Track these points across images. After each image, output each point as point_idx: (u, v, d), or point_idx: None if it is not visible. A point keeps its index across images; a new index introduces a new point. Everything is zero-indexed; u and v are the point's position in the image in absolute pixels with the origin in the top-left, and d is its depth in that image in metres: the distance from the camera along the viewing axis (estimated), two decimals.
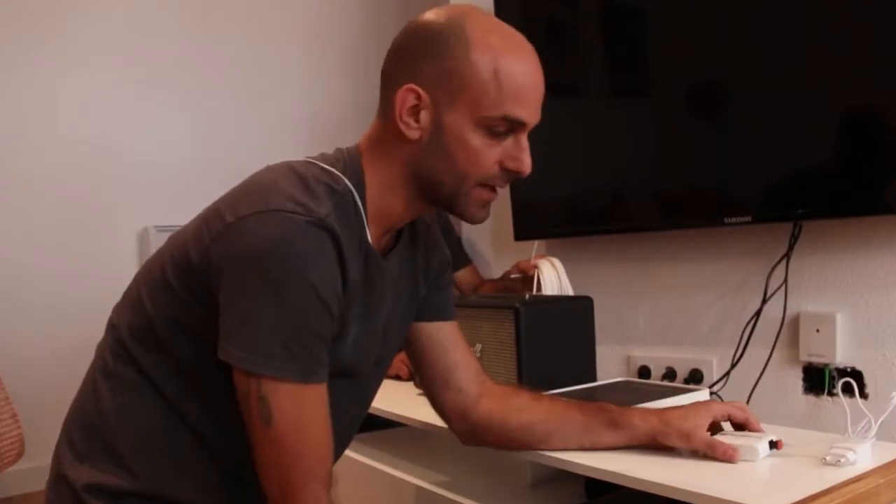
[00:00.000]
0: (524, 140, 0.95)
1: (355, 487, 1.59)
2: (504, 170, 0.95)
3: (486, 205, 0.97)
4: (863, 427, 1.00)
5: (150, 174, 2.58)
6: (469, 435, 1.15)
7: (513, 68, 0.90)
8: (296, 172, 0.90)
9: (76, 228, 2.55)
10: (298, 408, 0.86)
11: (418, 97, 0.91)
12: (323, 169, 0.92)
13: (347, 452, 1.60)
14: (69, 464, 0.95)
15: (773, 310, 1.66)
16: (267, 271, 0.83)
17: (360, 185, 0.94)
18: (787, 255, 1.62)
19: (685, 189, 1.78)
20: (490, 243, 2.48)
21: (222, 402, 0.90)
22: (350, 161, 0.95)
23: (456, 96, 0.90)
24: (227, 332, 0.85)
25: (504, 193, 2.18)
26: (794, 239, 1.61)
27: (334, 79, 2.96)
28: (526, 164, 0.96)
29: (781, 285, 1.63)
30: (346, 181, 0.92)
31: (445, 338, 1.13)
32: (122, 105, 2.64)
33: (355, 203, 0.92)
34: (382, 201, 0.96)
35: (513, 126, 0.93)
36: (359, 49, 2.98)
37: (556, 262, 1.79)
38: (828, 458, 0.96)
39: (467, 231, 2.55)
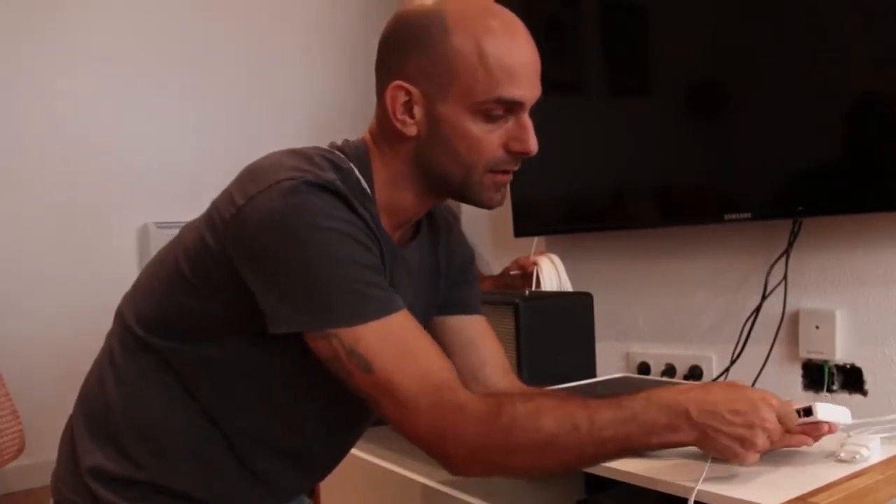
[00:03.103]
0: (525, 118, 0.92)
1: (357, 484, 1.59)
2: (510, 152, 0.92)
3: (500, 187, 0.94)
4: (865, 423, 1.00)
5: (150, 170, 2.58)
6: None
7: (498, 47, 0.87)
8: (297, 151, 0.90)
9: (76, 225, 2.55)
10: (392, 342, 0.83)
11: (408, 93, 0.89)
12: (327, 154, 0.91)
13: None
14: (76, 448, 0.95)
15: (772, 306, 1.66)
16: (292, 231, 0.81)
17: (368, 174, 0.93)
18: (787, 252, 1.62)
19: (685, 186, 1.78)
20: (490, 240, 2.48)
21: (237, 392, 0.90)
22: (355, 151, 0.94)
23: (446, 86, 0.88)
24: (279, 304, 0.83)
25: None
26: (793, 236, 1.61)
27: (335, 73, 2.95)
28: (531, 144, 0.92)
29: (781, 282, 1.64)
30: (351, 164, 0.91)
31: (473, 333, 1.11)
32: (121, 100, 2.64)
33: (360, 184, 0.90)
34: (392, 195, 0.94)
35: (510, 107, 0.90)
36: (359, 43, 2.98)
37: (556, 258, 1.79)
38: (842, 454, 0.96)
39: (467, 228, 2.54)
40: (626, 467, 0.97)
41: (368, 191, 0.91)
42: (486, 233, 2.49)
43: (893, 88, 1.41)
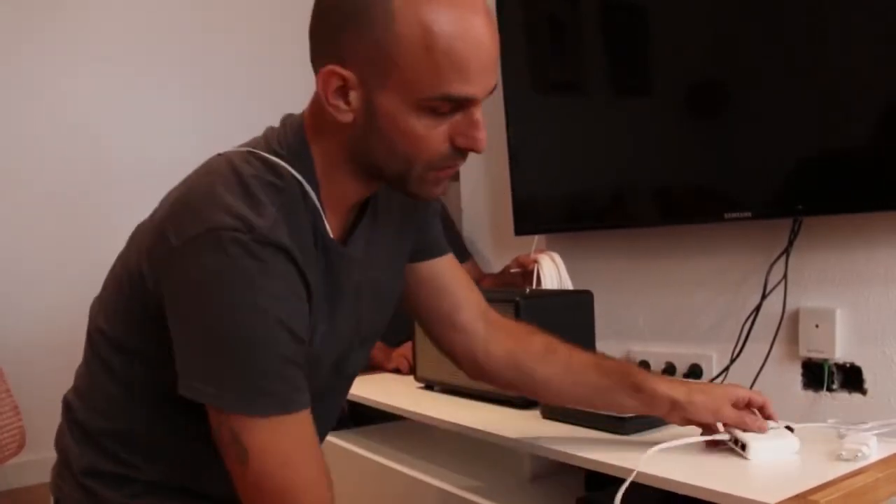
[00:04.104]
0: (477, 113, 0.82)
1: (356, 481, 1.59)
2: (456, 148, 0.83)
3: (442, 182, 0.87)
4: (863, 422, 1.01)
5: (151, 170, 2.58)
6: (477, 375, 1.10)
7: (450, 38, 0.76)
8: (236, 174, 0.81)
9: (76, 224, 2.55)
10: (278, 443, 0.78)
11: (342, 78, 0.79)
12: (266, 162, 0.83)
13: (348, 446, 1.61)
14: (69, 447, 0.95)
15: (772, 305, 1.66)
16: (214, 303, 0.77)
17: (310, 171, 0.85)
18: (787, 251, 1.62)
19: (685, 185, 1.78)
20: (490, 238, 2.48)
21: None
22: (295, 145, 0.86)
23: (386, 75, 0.78)
24: (187, 368, 0.79)
25: (505, 188, 2.18)
26: (793, 235, 1.61)
27: None
28: (480, 141, 0.82)
29: (781, 281, 1.64)
30: (293, 171, 0.83)
31: (442, 276, 1.06)
32: (121, 100, 2.64)
33: (305, 196, 0.84)
34: (335, 183, 0.87)
35: (459, 104, 0.80)
36: None
37: (556, 256, 1.79)
38: (843, 453, 0.96)
39: (467, 226, 2.55)
40: (628, 465, 0.98)
41: (312, 194, 0.84)
42: (486, 231, 2.49)
43: (893, 88, 1.41)
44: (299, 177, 0.84)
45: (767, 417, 1.03)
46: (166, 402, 0.84)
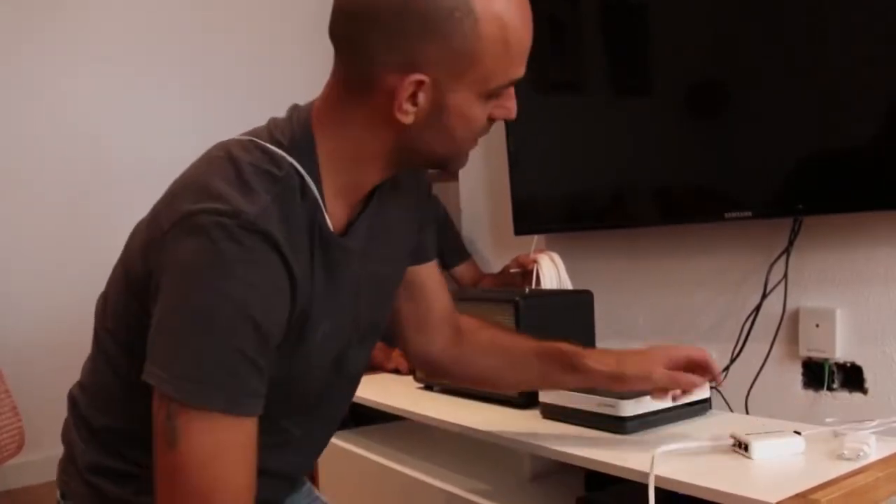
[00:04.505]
0: (512, 88, 0.88)
1: (356, 481, 1.59)
2: (491, 119, 0.88)
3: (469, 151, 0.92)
4: (863, 421, 1.01)
5: (151, 170, 2.58)
6: (426, 371, 1.20)
7: (519, 31, 0.83)
8: (232, 161, 0.81)
9: (77, 225, 2.55)
10: (212, 438, 0.76)
11: (419, 84, 0.80)
12: (265, 151, 0.83)
13: (348, 446, 1.61)
14: (74, 442, 0.95)
15: (772, 305, 1.66)
16: (186, 286, 0.76)
17: (313, 163, 0.85)
18: (787, 251, 1.62)
19: (685, 185, 1.78)
20: (490, 238, 2.48)
21: None
22: (301, 134, 0.86)
23: (463, 74, 0.81)
24: (149, 350, 0.78)
25: (504, 188, 2.18)
26: (794, 234, 1.61)
27: None
28: (514, 111, 0.88)
29: (781, 280, 1.64)
30: (293, 162, 0.83)
31: (424, 281, 1.09)
32: (121, 100, 2.64)
33: (304, 187, 0.83)
34: (350, 175, 0.87)
35: (512, 83, 0.86)
36: None
37: (556, 256, 1.79)
38: (845, 452, 0.96)
39: (467, 226, 2.55)
40: (628, 465, 0.98)
41: (312, 186, 0.84)
42: (486, 231, 2.49)
43: (894, 87, 1.41)
44: (300, 168, 0.83)
45: (709, 375, 1.06)
46: None
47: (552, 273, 1.74)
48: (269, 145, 0.84)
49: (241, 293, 0.76)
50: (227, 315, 0.75)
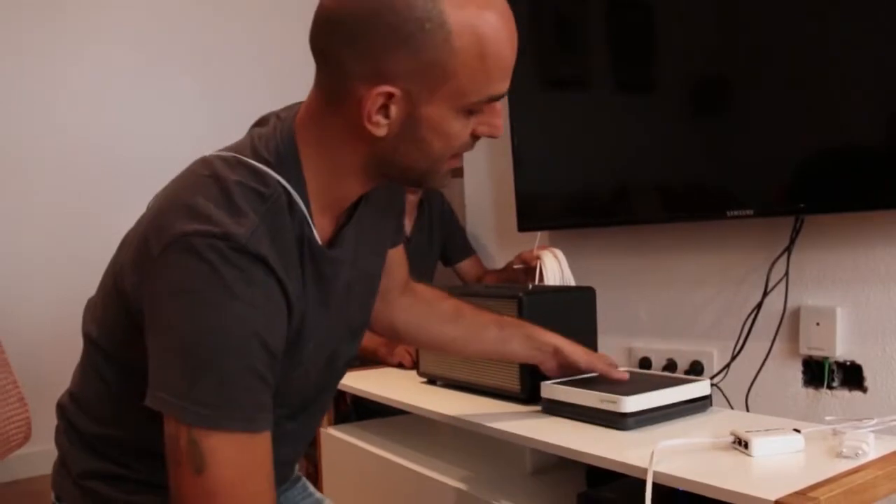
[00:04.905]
0: (498, 104, 0.85)
1: (359, 474, 1.60)
2: (475, 136, 0.86)
3: (452, 169, 0.90)
4: (863, 419, 1.01)
5: (156, 167, 2.59)
6: (393, 338, 1.24)
7: (499, 45, 0.79)
8: (218, 181, 0.80)
9: (82, 220, 2.56)
10: (239, 459, 0.76)
11: (389, 96, 0.79)
12: (252, 169, 0.82)
13: (351, 439, 1.62)
14: (65, 448, 0.96)
15: (773, 303, 1.67)
16: (188, 311, 0.75)
17: (299, 178, 0.84)
18: (789, 249, 1.63)
19: (688, 183, 1.79)
20: (493, 234, 2.49)
21: None
22: (284, 152, 0.85)
23: (436, 88, 0.79)
24: (156, 377, 0.77)
25: (508, 185, 2.19)
26: (795, 233, 1.62)
27: None
28: (500, 128, 0.86)
29: (782, 279, 1.64)
30: (279, 179, 0.82)
31: (390, 258, 1.08)
32: (123, 100, 2.65)
33: (291, 204, 0.83)
34: (332, 186, 0.87)
35: (493, 99, 0.84)
36: None
37: (559, 253, 1.79)
38: (844, 450, 0.97)
39: (471, 222, 2.56)
40: (630, 460, 0.98)
41: (300, 202, 0.83)
42: (489, 227, 2.50)
43: (894, 87, 1.42)
44: (286, 184, 0.83)
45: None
46: (157, 412, 0.82)
47: (555, 269, 1.74)
48: (254, 162, 0.83)
49: (247, 313, 0.76)
50: (238, 335, 0.76)
